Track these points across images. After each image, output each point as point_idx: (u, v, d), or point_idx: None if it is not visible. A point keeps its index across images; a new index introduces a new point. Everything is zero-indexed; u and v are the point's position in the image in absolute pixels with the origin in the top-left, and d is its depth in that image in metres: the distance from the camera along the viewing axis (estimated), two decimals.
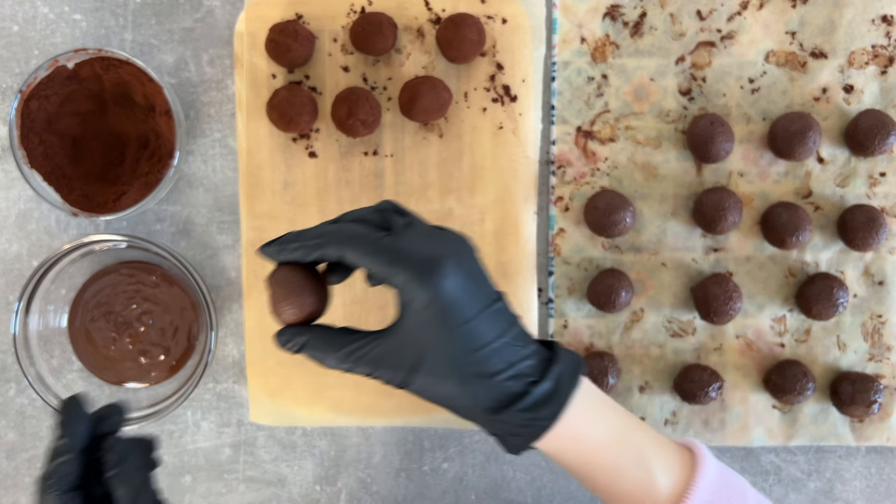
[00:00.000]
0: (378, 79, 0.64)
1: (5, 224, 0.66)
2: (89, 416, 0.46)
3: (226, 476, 0.67)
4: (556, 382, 0.46)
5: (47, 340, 0.64)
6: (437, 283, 0.43)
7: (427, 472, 0.68)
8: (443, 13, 0.64)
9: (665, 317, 0.65)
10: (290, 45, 0.61)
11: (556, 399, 0.46)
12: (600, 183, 0.65)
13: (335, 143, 0.65)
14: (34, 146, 0.62)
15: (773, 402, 0.66)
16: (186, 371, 0.66)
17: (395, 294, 0.45)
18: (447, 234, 0.47)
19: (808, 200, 0.65)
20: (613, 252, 0.65)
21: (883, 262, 0.65)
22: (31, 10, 0.65)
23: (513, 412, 0.45)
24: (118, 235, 0.61)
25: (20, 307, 0.61)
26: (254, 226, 0.65)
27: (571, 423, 0.47)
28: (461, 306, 0.44)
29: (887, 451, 0.67)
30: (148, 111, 0.63)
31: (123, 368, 0.66)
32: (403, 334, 0.45)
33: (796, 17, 0.64)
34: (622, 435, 0.48)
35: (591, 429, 0.48)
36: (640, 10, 0.64)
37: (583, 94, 0.65)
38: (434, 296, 0.43)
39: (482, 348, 0.44)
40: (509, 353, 0.45)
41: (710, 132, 0.62)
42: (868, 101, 0.65)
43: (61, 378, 0.64)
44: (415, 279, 0.43)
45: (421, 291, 0.43)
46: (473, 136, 0.64)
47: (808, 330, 0.65)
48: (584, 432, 0.47)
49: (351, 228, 0.46)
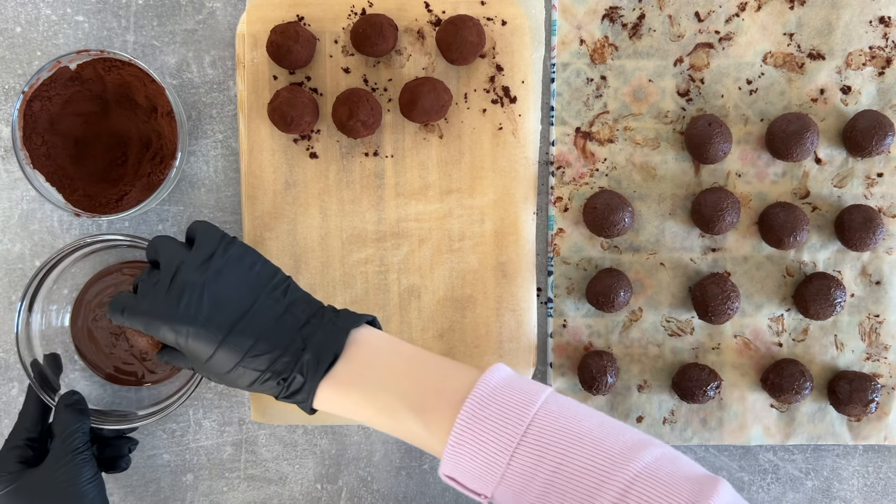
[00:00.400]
0: (378, 80, 0.65)
1: (8, 224, 0.66)
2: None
3: (227, 474, 0.68)
4: (302, 377, 0.49)
5: (50, 339, 0.65)
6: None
7: (427, 471, 0.68)
8: (443, 15, 0.64)
9: (663, 316, 0.66)
10: (291, 46, 0.61)
11: (304, 390, 0.50)
12: (599, 183, 0.66)
13: (336, 144, 0.65)
14: (37, 147, 0.62)
15: (771, 401, 0.66)
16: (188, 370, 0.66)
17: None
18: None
19: (806, 201, 0.65)
20: (612, 252, 0.66)
21: (880, 262, 0.65)
22: (34, 12, 0.65)
23: (282, 400, 0.51)
24: (120, 235, 0.61)
25: (23, 306, 0.62)
26: (255, 226, 0.65)
27: (326, 402, 0.50)
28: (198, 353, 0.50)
29: (884, 450, 0.67)
30: (150, 112, 0.63)
31: (125, 368, 0.66)
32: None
33: (794, 18, 0.65)
34: (377, 391, 0.49)
35: (344, 405, 0.50)
36: (638, 11, 0.65)
37: (582, 95, 0.65)
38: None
39: (227, 374, 0.50)
40: (249, 375, 0.50)
41: (709, 133, 0.62)
42: (865, 101, 0.65)
43: (64, 377, 0.64)
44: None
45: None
46: (473, 137, 0.65)
47: (806, 329, 0.66)
48: (342, 408, 0.50)
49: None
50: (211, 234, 0.52)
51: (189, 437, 0.67)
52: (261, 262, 0.52)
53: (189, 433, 0.67)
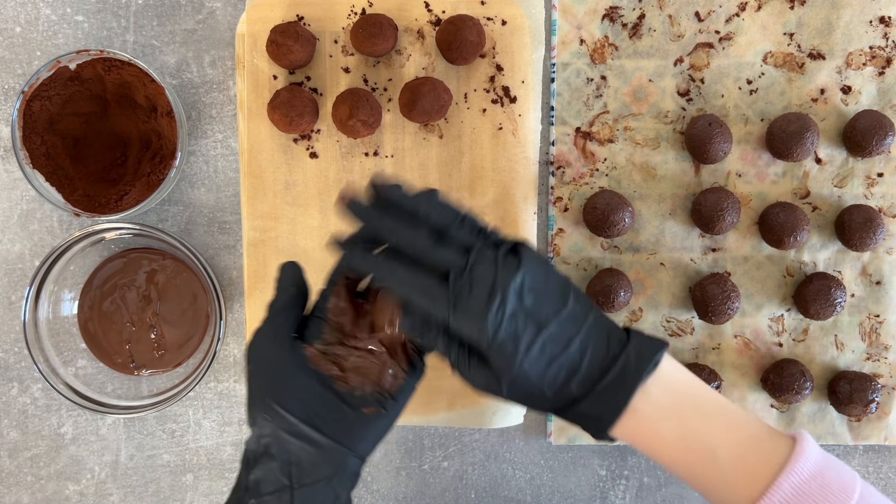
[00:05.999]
0: (378, 80, 0.65)
1: (8, 224, 0.66)
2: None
3: (227, 475, 0.68)
4: (598, 400, 0.46)
5: (56, 331, 0.65)
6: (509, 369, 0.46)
7: (427, 471, 0.68)
8: (443, 15, 0.64)
9: (664, 316, 0.66)
10: (291, 46, 0.61)
11: (612, 404, 0.46)
12: (599, 183, 0.65)
13: (336, 144, 0.65)
14: (36, 147, 0.62)
15: (772, 402, 0.66)
16: (195, 359, 0.66)
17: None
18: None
19: (806, 201, 0.65)
20: (612, 252, 0.66)
21: (880, 262, 0.65)
22: (34, 12, 0.65)
23: (571, 414, 0.47)
24: (128, 223, 0.62)
25: (30, 293, 0.62)
26: (255, 226, 0.65)
27: (634, 424, 0.47)
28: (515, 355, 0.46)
29: (885, 450, 0.67)
30: (150, 112, 0.63)
31: (133, 354, 0.66)
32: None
33: (794, 18, 0.65)
34: (692, 434, 0.46)
35: (655, 429, 0.47)
36: (638, 11, 0.65)
37: (582, 95, 0.65)
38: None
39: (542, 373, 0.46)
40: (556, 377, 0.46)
41: (709, 133, 0.62)
42: (866, 101, 0.65)
43: (70, 366, 0.65)
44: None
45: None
46: (473, 136, 0.65)
47: (806, 329, 0.66)
48: (649, 432, 0.47)
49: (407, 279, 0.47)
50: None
51: (189, 437, 0.67)
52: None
53: (189, 433, 0.67)
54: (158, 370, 0.67)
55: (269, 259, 0.65)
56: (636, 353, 0.47)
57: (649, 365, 0.46)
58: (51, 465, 0.67)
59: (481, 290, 0.45)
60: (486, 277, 0.45)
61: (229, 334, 0.67)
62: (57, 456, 0.67)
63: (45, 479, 0.68)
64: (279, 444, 0.47)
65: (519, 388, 0.46)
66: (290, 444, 0.47)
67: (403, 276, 0.46)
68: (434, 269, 0.46)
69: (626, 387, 0.46)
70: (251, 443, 0.48)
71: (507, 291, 0.45)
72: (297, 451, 0.47)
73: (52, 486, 0.68)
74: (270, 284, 0.65)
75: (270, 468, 0.46)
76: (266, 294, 0.65)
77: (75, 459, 0.67)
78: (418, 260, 0.47)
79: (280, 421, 0.47)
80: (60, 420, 0.67)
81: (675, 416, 0.47)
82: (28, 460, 0.68)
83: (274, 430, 0.47)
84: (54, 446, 0.67)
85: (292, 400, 0.47)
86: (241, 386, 0.67)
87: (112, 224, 0.62)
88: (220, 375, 0.67)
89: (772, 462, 0.45)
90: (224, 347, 0.67)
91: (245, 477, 0.47)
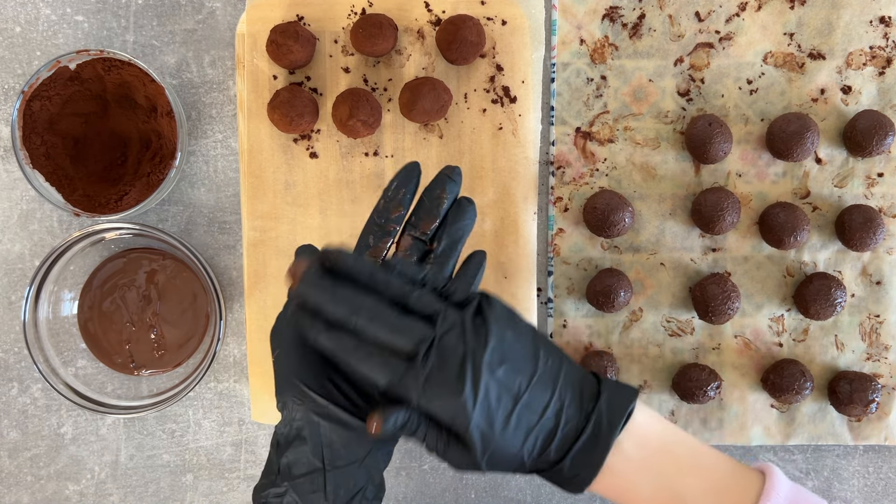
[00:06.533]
0: (378, 80, 0.65)
1: (7, 224, 0.66)
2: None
3: (227, 475, 0.68)
4: (574, 466, 0.46)
5: (56, 331, 0.65)
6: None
7: (427, 471, 0.68)
8: (443, 15, 0.64)
9: (664, 316, 0.66)
10: (291, 46, 0.61)
11: (588, 465, 0.46)
12: (599, 183, 0.65)
13: (336, 144, 0.65)
14: (36, 147, 0.62)
15: (772, 402, 0.66)
16: (195, 359, 0.66)
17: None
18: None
19: (806, 201, 0.65)
20: (612, 252, 0.66)
21: (881, 262, 0.65)
22: (34, 12, 0.65)
23: (549, 475, 0.48)
24: (128, 223, 0.62)
25: (30, 293, 0.62)
26: (255, 226, 0.65)
27: (608, 481, 0.47)
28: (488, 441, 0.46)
29: (885, 450, 0.67)
30: (150, 112, 0.63)
31: (133, 354, 0.66)
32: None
33: (794, 18, 0.65)
34: (666, 485, 0.47)
35: (629, 485, 0.47)
36: (638, 11, 0.65)
37: (582, 95, 0.65)
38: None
39: (502, 431, 0.46)
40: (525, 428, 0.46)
41: (709, 133, 0.62)
42: (866, 101, 0.65)
43: (70, 366, 0.65)
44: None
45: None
46: (473, 137, 0.65)
47: (806, 329, 0.66)
48: (623, 488, 0.47)
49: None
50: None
51: (189, 437, 0.67)
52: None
53: (189, 433, 0.67)
54: (158, 370, 0.67)
55: (269, 259, 0.65)
56: (608, 406, 0.47)
57: (622, 420, 0.46)
58: (51, 465, 0.67)
59: (452, 368, 0.44)
60: (455, 352, 0.44)
61: (229, 334, 0.67)
62: (57, 456, 0.67)
63: (45, 479, 0.68)
64: (311, 427, 0.47)
65: (498, 462, 0.46)
66: (322, 426, 0.47)
67: (365, 356, 0.45)
68: (399, 344, 0.44)
69: (600, 446, 0.46)
70: (281, 426, 0.48)
71: (480, 367, 0.44)
72: (329, 433, 0.47)
73: (52, 486, 0.68)
74: (270, 284, 0.65)
75: (303, 451, 0.46)
76: (266, 294, 0.65)
77: (75, 459, 0.67)
78: (379, 339, 0.44)
79: (310, 403, 0.47)
80: (60, 420, 0.67)
81: (649, 469, 0.47)
82: (28, 460, 0.68)
83: (305, 413, 0.47)
84: (54, 446, 0.67)
85: (320, 381, 0.47)
86: (240, 386, 0.67)
87: (112, 224, 0.62)
88: (219, 375, 0.67)
89: (744, 502, 0.46)
90: (224, 347, 0.67)
91: (276, 460, 0.47)
